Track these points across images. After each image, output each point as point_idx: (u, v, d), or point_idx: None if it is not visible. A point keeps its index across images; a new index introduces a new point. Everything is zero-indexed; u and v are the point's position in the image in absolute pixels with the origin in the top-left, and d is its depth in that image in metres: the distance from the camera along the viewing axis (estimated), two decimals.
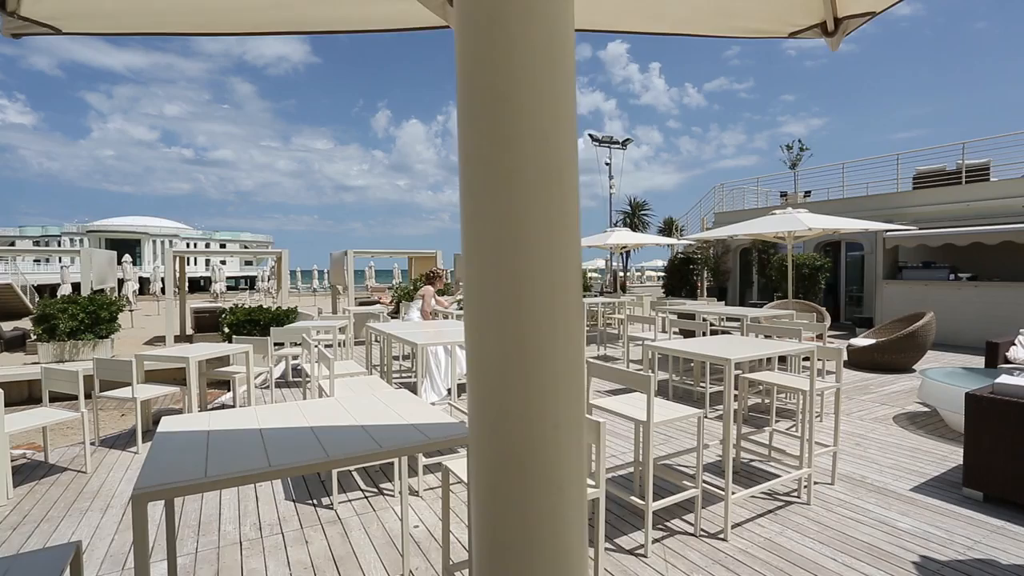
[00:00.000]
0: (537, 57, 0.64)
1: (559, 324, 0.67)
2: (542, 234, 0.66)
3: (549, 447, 0.68)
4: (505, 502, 0.69)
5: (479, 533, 0.73)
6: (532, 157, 0.65)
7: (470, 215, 0.69)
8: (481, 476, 0.72)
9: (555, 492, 0.68)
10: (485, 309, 0.69)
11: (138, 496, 1.17)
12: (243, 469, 1.28)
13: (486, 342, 0.69)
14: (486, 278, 0.68)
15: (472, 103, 0.67)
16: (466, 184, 0.69)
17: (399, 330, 4.28)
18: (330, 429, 1.62)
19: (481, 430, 0.71)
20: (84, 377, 3.95)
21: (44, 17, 1.46)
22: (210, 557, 2.75)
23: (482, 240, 0.68)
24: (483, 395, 0.71)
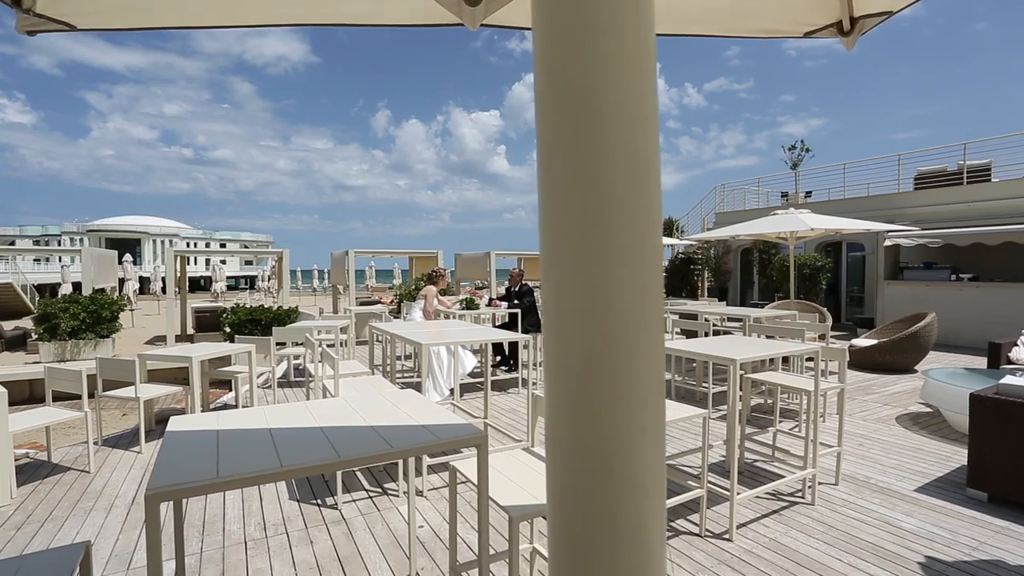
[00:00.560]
0: (625, 53, 0.64)
1: (647, 325, 0.67)
2: (629, 235, 0.65)
3: (636, 451, 0.67)
4: (590, 507, 0.68)
5: (559, 538, 0.72)
6: (620, 155, 0.64)
7: (552, 217, 0.68)
8: (560, 481, 0.71)
9: (640, 496, 0.67)
10: (569, 312, 0.68)
11: (151, 496, 1.16)
12: (255, 469, 1.28)
13: (571, 345, 0.68)
14: (571, 281, 0.67)
15: (556, 101, 0.66)
16: (548, 185, 0.68)
17: (403, 330, 4.27)
18: (340, 429, 1.61)
19: (563, 434, 0.70)
20: (87, 376, 3.95)
21: (58, 14, 1.46)
22: (215, 557, 2.75)
23: (566, 242, 0.67)
24: (566, 399, 0.69)
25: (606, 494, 0.67)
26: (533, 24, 0.69)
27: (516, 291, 7.50)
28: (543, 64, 0.67)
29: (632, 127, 0.64)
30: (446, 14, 1.58)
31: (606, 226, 0.64)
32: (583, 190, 0.65)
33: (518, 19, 1.65)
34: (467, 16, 1.55)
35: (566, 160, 0.65)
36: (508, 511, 1.69)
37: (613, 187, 0.64)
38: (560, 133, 0.66)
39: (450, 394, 5.43)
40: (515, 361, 7.14)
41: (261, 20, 1.67)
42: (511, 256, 15.01)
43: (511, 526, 1.68)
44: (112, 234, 48.09)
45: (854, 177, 13.91)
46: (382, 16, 1.59)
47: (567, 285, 0.68)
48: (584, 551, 0.69)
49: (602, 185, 0.64)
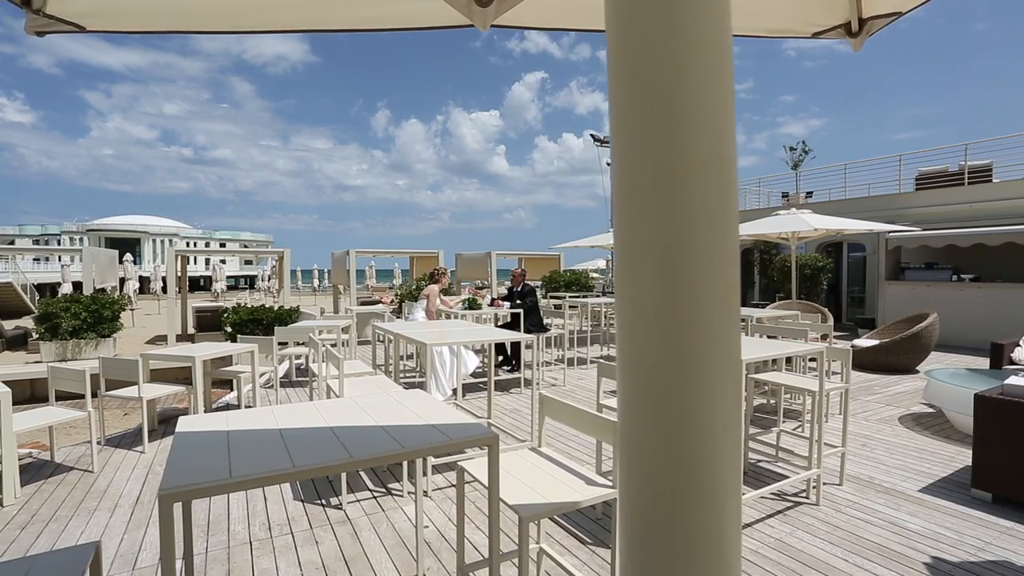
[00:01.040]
0: (706, 52, 0.64)
1: (729, 324, 0.66)
2: (711, 234, 0.65)
3: (719, 451, 0.67)
4: (672, 506, 0.68)
5: (634, 537, 0.72)
6: (703, 155, 0.64)
7: (631, 217, 0.67)
8: (637, 480, 0.70)
9: (721, 495, 0.67)
10: (651, 312, 0.67)
11: (164, 497, 1.16)
12: (268, 470, 1.28)
13: (652, 345, 0.67)
14: (653, 281, 0.67)
15: (637, 102, 0.66)
16: (627, 185, 0.67)
17: (406, 330, 4.27)
18: (349, 429, 1.61)
19: (642, 434, 0.69)
20: (90, 376, 3.94)
21: (68, 15, 1.45)
22: (220, 557, 2.75)
23: (647, 242, 0.66)
24: (647, 398, 0.69)
25: (689, 493, 0.67)
26: (607, 26, 0.69)
27: (518, 291, 7.50)
28: (622, 65, 0.67)
29: (715, 126, 0.64)
30: (456, 15, 1.58)
31: (692, 226, 0.64)
32: (666, 190, 0.65)
33: (528, 19, 1.65)
34: (478, 17, 1.55)
35: (649, 160, 0.65)
36: (518, 511, 1.69)
37: (697, 187, 0.64)
38: (643, 133, 0.66)
39: (453, 394, 5.43)
40: (517, 361, 7.14)
41: (269, 26, 1.67)
42: (512, 256, 15.02)
43: (521, 526, 1.68)
44: (112, 234, 48.07)
45: (855, 178, 13.93)
46: (392, 19, 1.59)
47: (648, 285, 0.67)
48: (664, 550, 0.68)
49: (687, 185, 0.64)
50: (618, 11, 0.67)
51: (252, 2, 1.46)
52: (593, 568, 2.61)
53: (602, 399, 3.17)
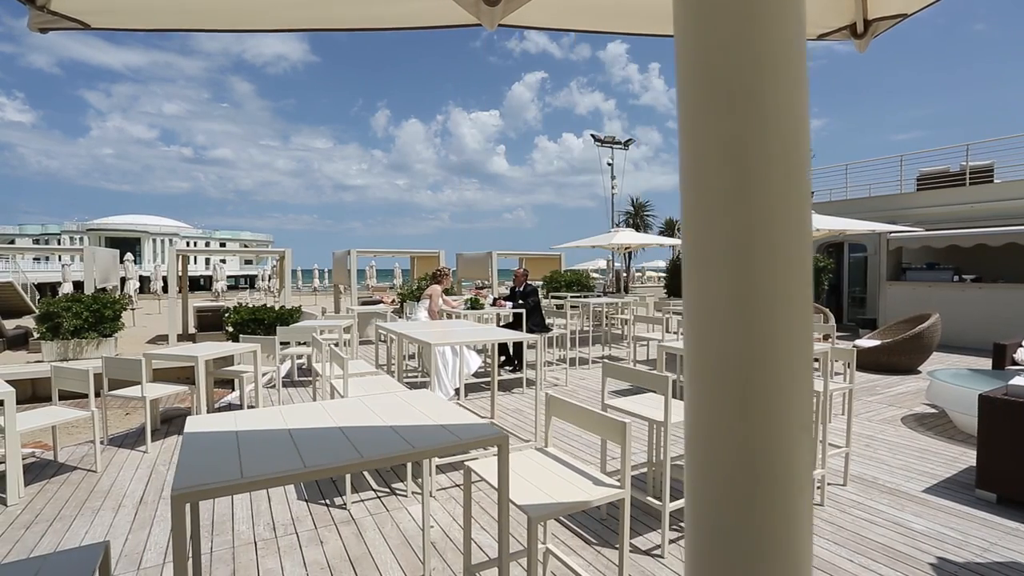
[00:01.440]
0: (782, 51, 0.64)
1: (804, 324, 0.66)
2: (787, 235, 0.65)
3: (796, 450, 0.67)
4: (748, 506, 0.67)
5: (700, 537, 0.71)
6: (780, 155, 0.64)
7: (705, 219, 0.67)
8: (710, 480, 0.70)
9: (796, 495, 0.67)
10: (727, 312, 0.67)
11: (176, 497, 1.16)
12: (279, 470, 1.28)
13: (727, 346, 0.67)
14: (729, 282, 0.67)
15: (711, 103, 0.66)
16: (701, 185, 0.67)
17: (410, 330, 4.27)
18: (358, 429, 1.61)
19: (718, 433, 0.69)
20: (93, 375, 3.94)
21: (72, 12, 1.45)
22: (225, 557, 2.75)
23: (721, 243, 0.66)
24: (724, 399, 0.69)
25: (767, 494, 0.66)
26: (676, 28, 0.68)
27: (520, 291, 7.50)
28: (696, 67, 0.67)
29: (793, 126, 0.64)
30: (464, 14, 1.58)
31: (772, 227, 0.64)
32: (746, 191, 0.64)
33: (536, 19, 1.65)
34: (485, 16, 1.54)
35: (728, 162, 0.65)
36: (527, 511, 1.69)
37: (776, 187, 0.64)
38: (721, 135, 0.66)
39: (455, 394, 5.42)
40: (519, 361, 7.14)
41: (275, 25, 1.66)
42: (513, 256, 15.03)
43: (530, 527, 1.68)
44: (112, 233, 48.07)
45: (856, 178, 13.93)
46: (400, 18, 1.59)
47: (723, 285, 0.67)
48: (738, 551, 0.68)
49: (767, 186, 0.64)
50: (691, 12, 0.67)
51: (258, 1, 1.45)
52: (599, 568, 2.61)
53: (607, 399, 3.17)
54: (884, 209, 11.92)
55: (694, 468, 0.73)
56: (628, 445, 1.92)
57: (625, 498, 1.86)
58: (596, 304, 8.92)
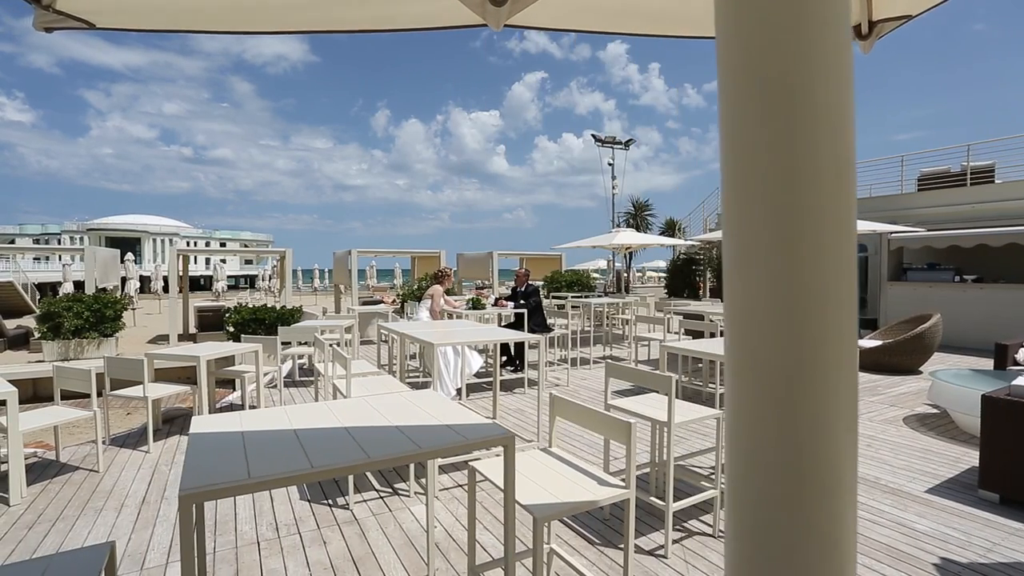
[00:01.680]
0: (827, 48, 0.63)
1: (849, 324, 0.66)
2: (834, 233, 0.64)
3: (841, 451, 0.67)
4: (794, 508, 0.67)
5: (743, 538, 0.71)
6: (825, 155, 0.63)
7: (747, 219, 0.67)
8: (754, 482, 0.70)
9: (843, 496, 0.67)
10: (769, 313, 0.67)
11: (184, 497, 1.16)
12: (287, 470, 1.28)
13: (772, 347, 0.67)
14: (772, 281, 0.67)
15: (754, 102, 0.66)
16: (743, 185, 0.67)
17: (413, 330, 4.27)
18: (364, 430, 1.61)
19: (760, 436, 0.69)
20: (95, 375, 3.94)
21: (78, 11, 1.45)
22: (228, 557, 2.74)
23: (765, 244, 0.66)
24: (770, 400, 0.68)
25: (813, 495, 0.66)
26: (717, 27, 0.68)
27: (522, 291, 7.50)
28: (739, 67, 0.67)
29: (838, 126, 0.64)
30: (469, 15, 1.57)
31: (817, 226, 0.64)
32: (791, 192, 0.64)
33: (541, 19, 1.65)
34: (491, 16, 1.54)
35: (771, 162, 0.65)
36: (532, 512, 1.69)
37: (824, 187, 0.64)
38: (764, 136, 0.65)
39: (457, 394, 5.42)
40: (521, 361, 7.14)
41: (282, 27, 1.66)
42: (513, 256, 15.03)
43: (536, 527, 1.68)
44: (112, 233, 48.07)
45: (857, 178, 13.92)
46: (407, 19, 1.58)
47: (768, 285, 0.67)
48: (783, 552, 0.68)
49: (813, 186, 0.63)
50: (733, 11, 0.66)
51: (267, 1, 1.45)
52: (602, 568, 2.61)
53: (610, 399, 3.17)
54: (885, 209, 11.92)
55: (736, 468, 0.72)
56: (633, 446, 1.92)
57: (630, 498, 1.86)
58: (597, 304, 8.92)
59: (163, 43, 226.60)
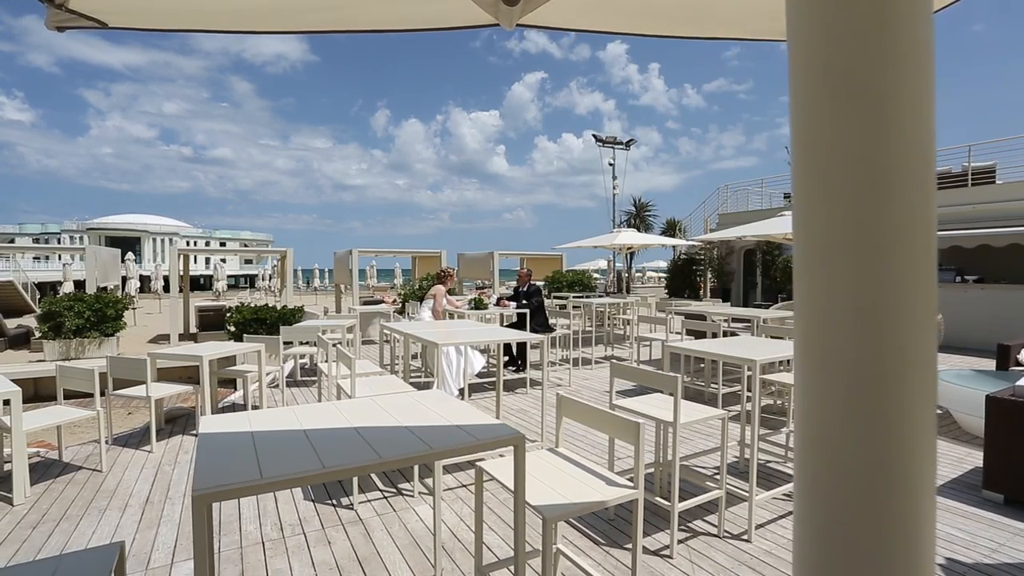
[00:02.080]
0: (911, 44, 0.63)
1: (930, 323, 0.65)
2: (916, 230, 0.64)
3: (921, 453, 0.66)
4: (873, 512, 0.66)
5: (814, 541, 0.70)
6: (908, 150, 0.63)
7: (823, 214, 0.67)
8: (825, 484, 0.69)
9: (922, 498, 0.66)
10: (847, 312, 0.67)
11: (198, 497, 1.15)
12: (298, 470, 1.27)
13: (850, 346, 0.66)
14: (850, 279, 0.66)
15: (831, 99, 0.65)
16: (819, 182, 0.66)
17: (417, 330, 4.27)
18: (374, 430, 1.60)
19: (838, 437, 0.68)
20: (99, 375, 3.93)
21: (91, 10, 1.44)
22: (233, 557, 2.74)
23: (845, 239, 0.66)
24: (843, 401, 0.68)
25: (894, 497, 0.65)
26: (789, 21, 0.67)
27: (524, 291, 7.49)
28: (813, 62, 0.66)
29: (920, 119, 0.63)
30: (482, 15, 1.57)
31: (900, 223, 0.63)
32: (872, 188, 0.63)
33: (554, 19, 1.64)
34: (504, 16, 1.54)
35: (850, 159, 0.64)
36: (541, 512, 1.69)
37: (909, 183, 0.63)
38: (841, 131, 0.65)
39: (459, 394, 5.42)
40: (523, 361, 7.14)
41: (295, 26, 1.66)
42: (514, 256, 15.03)
43: (545, 527, 1.68)
44: (112, 232, 48.05)
45: None
46: (417, 19, 1.58)
47: (846, 283, 0.66)
48: (859, 556, 0.67)
49: (897, 181, 0.63)
50: (811, 10, 0.66)
51: (282, 2, 1.44)
52: (608, 568, 2.60)
53: (615, 399, 3.17)
54: None
55: (808, 469, 0.71)
56: (642, 446, 1.92)
57: (639, 499, 1.86)
58: (598, 304, 8.92)
59: (162, 42, 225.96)
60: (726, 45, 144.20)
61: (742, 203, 17.01)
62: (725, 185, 17.34)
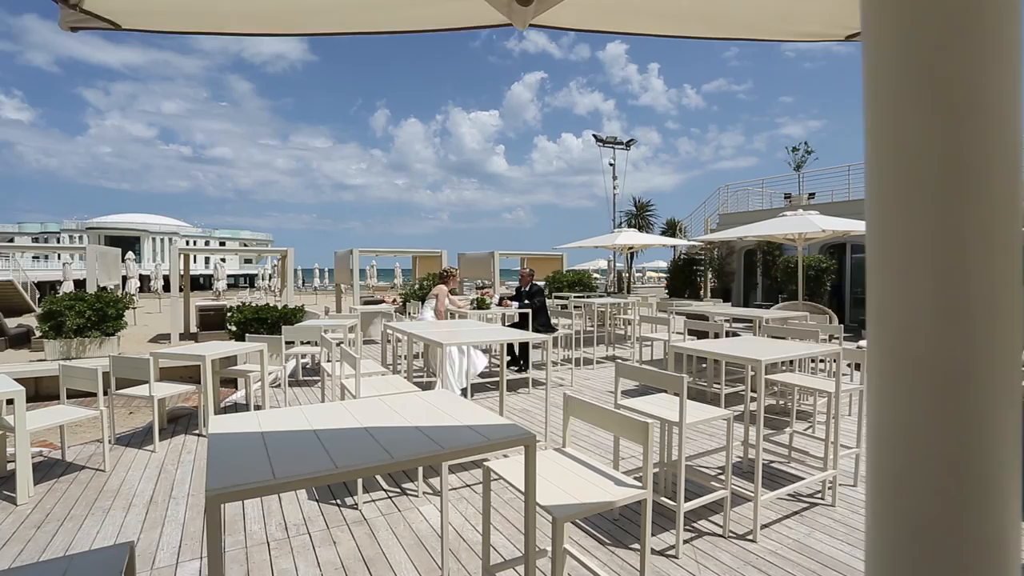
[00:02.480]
0: (999, 48, 0.62)
1: (1017, 321, 0.64)
2: (1001, 226, 0.63)
3: (1009, 455, 0.64)
4: (959, 516, 0.65)
5: (890, 547, 0.69)
6: (992, 144, 0.62)
7: (900, 212, 0.66)
8: (902, 486, 0.68)
9: (1010, 502, 0.65)
10: (927, 311, 0.66)
11: (212, 497, 1.15)
12: (312, 471, 1.27)
13: (932, 347, 0.65)
14: (930, 277, 0.65)
15: (909, 92, 0.64)
16: (896, 178, 0.66)
17: (421, 330, 4.27)
18: (384, 430, 1.60)
19: (918, 439, 0.67)
20: (102, 374, 3.93)
21: (105, 11, 1.44)
22: (239, 557, 2.74)
23: (924, 237, 0.65)
24: (925, 402, 0.67)
25: (981, 503, 0.65)
26: (865, 21, 0.67)
27: (527, 291, 7.50)
28: (890, 55, 0.64)
29: (1005, 113, 0.62)
30: (494, 15, 1.56)
31: (985, 219, 0.62)
32: (955, 184, 0.62)
33: (567, 20, 1.64)
34: (517, 16, 1.53)
35: (930, 154, 0.63)
36: (551, 512, 1.69)
37: (995, 178, 0.62)
38: (921, 126, 0.64)
39: (461, 394, 5.42)
40: (525, 361, 7.14)
41: (307, 28, 1.65)
42: (514, 256, 15.03)
43: (555, 527, 1.68)
44: (111, 231, 48.01)
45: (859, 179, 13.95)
46: (432, 20, 1.58)
47: (926, 281, 0.65)
48: (941, 561, 0.66)
49: (982, 177, 0.62)
50: (890, 7, 0.65)
51: (296, 4, 1.44)
52: (613, 568, 2.60)
53: (620, 399, 3.17)
54: None
55: (884, 472, 0.70)
56: (651, 446, 1.92)
57: (647, 499, 1.86)
58: (600, 304, 8.92)
59: (162, 42, 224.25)
60: (726, 45, 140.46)
61: (743, 203, 17.04)
62: (726, 185, 17.37)
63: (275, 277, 25.22)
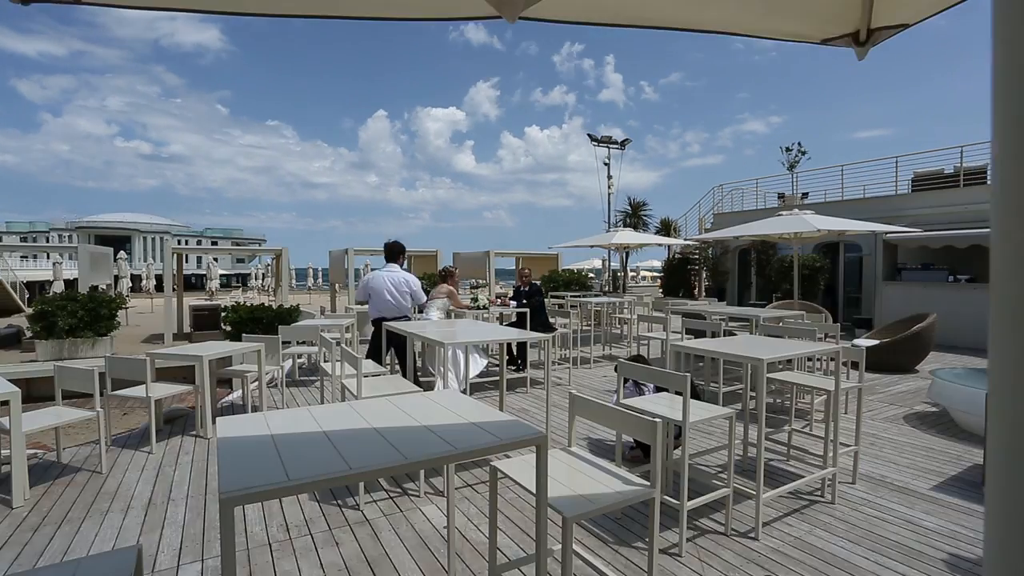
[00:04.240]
0: None
1: None
2: None
3: None
4: None
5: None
6: None
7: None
8: None
9: None
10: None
11: (226, 500, 1.14)
12: (325, 472, 1.26)
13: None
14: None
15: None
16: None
17: (424, 330, 4.25)
18: (395, 430, 1.59)
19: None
20: (98, 375, 3.88)
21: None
22: (241, 559, 2.71)
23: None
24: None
25: None
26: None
27: (525, 290, 7.49)
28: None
29: None
30: (484, 6, 1.53)
31: None
32: None
33: (559, 12, 1.62)
34: (507, 8, 1.51)
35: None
36: (562, 511, 1.69)
37: None
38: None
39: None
40: (523, 361, 7.13)
41: (283, 9, 1.60)
42: (509, 255, 15.02)
43: (565, 526, 1.67)
44: (102, 231, 47.50)
45: (851, 179, 14.06)
46: (418, 8, 1.55)
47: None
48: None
49: None
50: None
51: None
52: (618, 567, 2.61)
53: (612, 398, 3.17)
54: (880, 210, 12.03)
55: (1013, 478, 0.66)
56: (660, 444, 1.92)
57: (656, 498, 1.86)
58: (596, 304, 8.93)
59: (82, 32, 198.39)
60: (675, 37, 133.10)
61: (737, 203, 17.13)
62: (720, 185, 17.46)
63: (268, 277, 25.06)
